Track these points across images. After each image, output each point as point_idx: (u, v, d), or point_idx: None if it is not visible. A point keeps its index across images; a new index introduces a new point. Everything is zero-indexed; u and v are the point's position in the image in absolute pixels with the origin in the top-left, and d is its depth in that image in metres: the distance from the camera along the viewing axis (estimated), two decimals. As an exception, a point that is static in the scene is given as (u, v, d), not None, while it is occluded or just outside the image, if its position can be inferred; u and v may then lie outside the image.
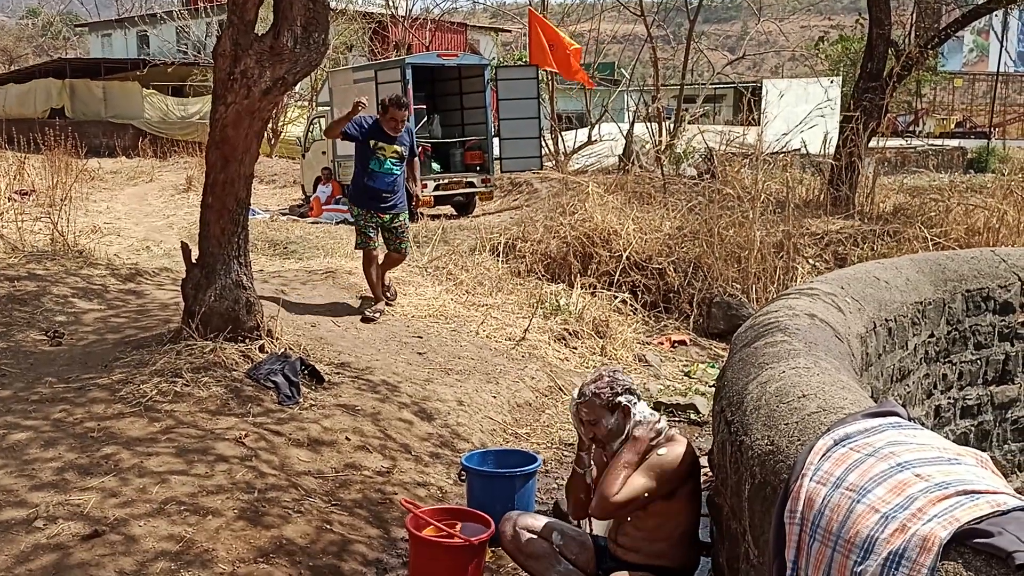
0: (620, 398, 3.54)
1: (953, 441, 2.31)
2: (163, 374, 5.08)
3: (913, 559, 1.75)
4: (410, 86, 14.04)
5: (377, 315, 7.31)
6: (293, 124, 25.60)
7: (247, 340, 5.58)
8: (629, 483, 3.41)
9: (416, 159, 7.77)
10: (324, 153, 16.79)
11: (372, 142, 7.18)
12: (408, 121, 7.33)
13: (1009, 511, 1.75)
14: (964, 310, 5.39)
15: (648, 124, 17.29)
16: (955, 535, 1.73)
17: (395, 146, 7.26)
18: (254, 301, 5.67)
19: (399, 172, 7.36)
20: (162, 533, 3.79)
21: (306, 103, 25.84)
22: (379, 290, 7.49)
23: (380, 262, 7.47)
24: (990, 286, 5.48)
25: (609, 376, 3.59)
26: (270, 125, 22.28)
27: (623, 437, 3.54)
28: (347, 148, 15.91)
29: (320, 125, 17.39)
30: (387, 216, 7.39)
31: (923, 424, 4.28)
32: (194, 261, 5.65)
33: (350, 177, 16.52)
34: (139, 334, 6.03)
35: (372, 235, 7.37)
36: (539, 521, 3.94)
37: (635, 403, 3.58)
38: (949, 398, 5.42)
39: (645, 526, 3.60)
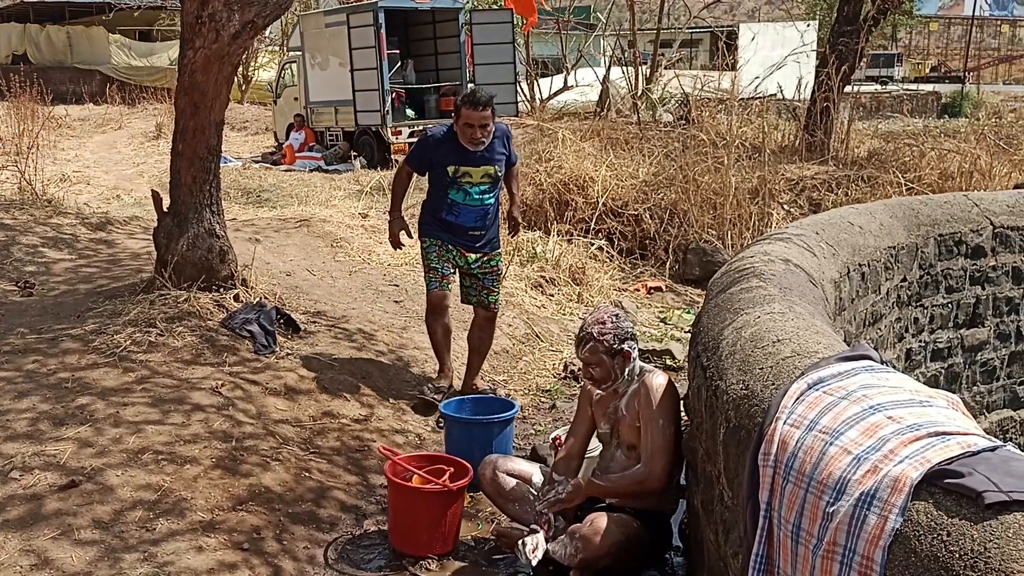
0: (624, 345, 3.60)
1: (924, 383, 2.34)
2: (136, 324, 5.03)
3: (884, 499, 1.78)
4: (382, 30, 13.82)
5: (439, 396, 5.06)
6: (264, 69, 25.15)
7: (221, 289, 5.53)
8: (665, 441, 3.56)
9: (516, 167, 5.49)
10: (296, 99, 16.56)
11: (451, 169, 5.02)
12: (493, 123, 4.99)
13: (979, 452, 1.77)
14: (936, 254, 5.44)
15: (624, 69, 17.14)
16: (926, 475, 1.75)
17: (485, 167, 5.05)
18: (227, 250, 5.61)
19: (492, 200, 5.17)
20: (139, 482, 3.79)
21: (277, 48, 25.38)
22: (446, 356, 5.30)
23: (446, 316, 5.24)
24: (962, 230, 5.52)
25: (612, 321, 3.62)
26: (240, 70, 21.90)
27: (619, 380, 3.66)
28: (321, 94, 15.91)
29: (292, 70, 17.11)
30: (473, 256, 5.19)
31: (895, 367, 4.34)
32: (165, 210, 5.57)
33: (323, 123, 16.50)
34: (111, 284, 5.96)
35: (444, 272, 5.16)
36: (519, 465, 3.98)
37: (635, 348, 3.63)
38: (920, 341, 5.49)
39: (630, 468, 3.66)
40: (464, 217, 5.11)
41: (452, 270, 5.23)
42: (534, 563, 3.53)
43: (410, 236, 5.31)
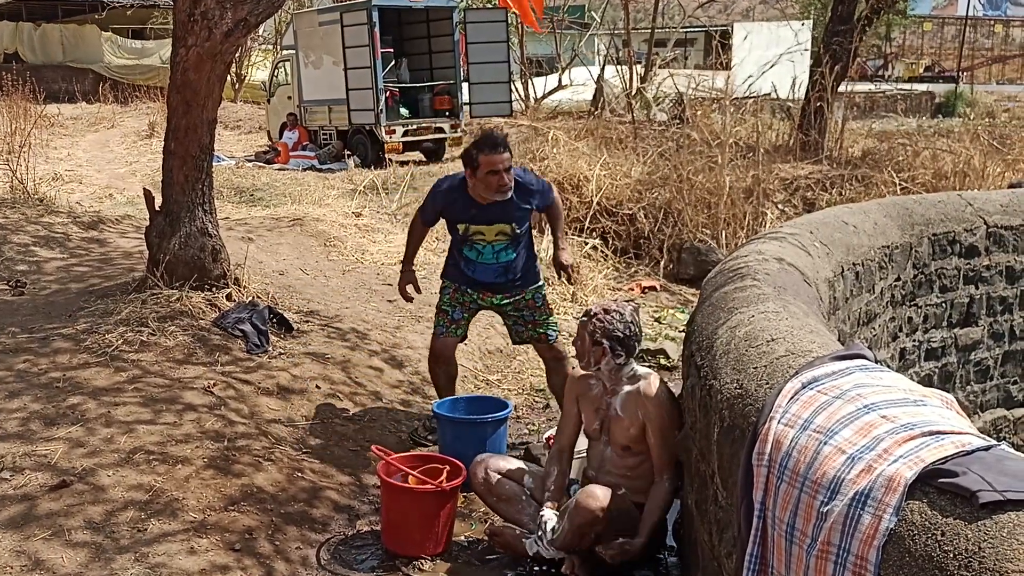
0: (604, 340, 3.59)
1: (918, 383, 2.34)
2: (129, 323, 5.01)
3: (879, 499, 1.77)
4: (376, 29, 13.79)
5: (432, 438, 4.80)
6: (257, 68, 25.08)
7: (214, 288, 5.51)
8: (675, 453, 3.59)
9: (556, 207, 4.80)
10: (290, 98, 16.52)
11: (461, 228, 4.58)
12: (510, 175, 4.42)
13: (973, 451, 1.77)
14: (930, 254, 5.44)
15: (619, 68, 17.13)
16: (920, 475, 1.75)
17: (499, 224, 4.52)
18: (220, 249, 5.59)
19: (513, 256, 4.64)
20: (130, 482, 3.77)
21: (270, 46, 25.31)
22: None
23: (450, 364, 4.85)
24: (956, 230, 5.52)
25: (610, 316, 3.62)
26: (233, 69, 21.84)
27: (592, 367, 3.68)
28: (315, 92, 15.87)
29: (285, 69, 17.07)
30: (497, 296, 4.73)
31: (889, 366, 4.34)
32: (158, 208, 5.55)
33: (316, 122, 16.47)
34: (103, 283, 5.94)
35: (455, 316, 4.74)
36: (510, 464, 3.97)
37: (619, 354, 3.60)
38: (914, 340, 5.49)
39: (629, 464, 3.66)
40: (480, 272, 4.65)
41: (465, 315, 4.77)
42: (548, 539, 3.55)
43: (418, 291, 4.91)
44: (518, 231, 4.57)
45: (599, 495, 3.45)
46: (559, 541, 3.54)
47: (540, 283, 4.80)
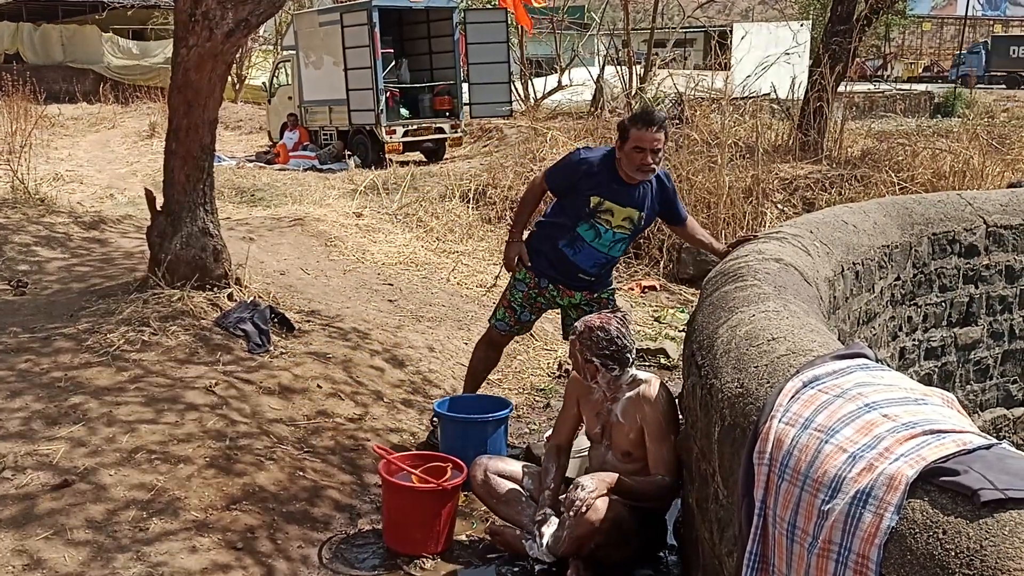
0: (594, 358, 3.60)
1: (918, 382, 2.34)
2: (130, 323, 5.02)
3: (880, 497, 1.78)
4: (376, 29, 13.80)
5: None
6: (256, 69, 25.08)
7: (215, 288, 5.52)
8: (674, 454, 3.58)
9: (689, 223, 4.66)
10: (290, 98, 16.53)
11: (594, 200, 4.33)
12: (665, 148, 4.30)
13: (974, 450, 1.77)
14: (930, 253, 5.44)
15: (618, 69, 17.14)
16: (921, 473, 1.75)
17: (631, 208, 4.35)
18: (221, 249, 5.60)
19: (620, 252, 4.53)
20: (132, 482, 3.78)
21: (271, 47, 25.32)
22: (471, 389, 4.91)
23: (498, 353, 4.84)
24: (956, 229, 5.53)
25: (594, 333, 3.61)
26: (234, 70, 21.83)
27: (589, 381, 3.69)
28: (315, 93, 15.89)
29: (285, 70, 17.08)
30: (577, 295, 4.57)
31: (889, 365, 4.34)
32: (159, 209, 5.55)
33: (317, 122, 16.48)
34: (104, 283, 5.94)
35: (522, 318, 4.64)
36: (510, 465, 3.98)
37: (612, 368, 3.61)
38: (914, 340, 5.50)
39: (629, 469, 3.66)
40: (583, 257, 4.41)
41: (532, 317, 4.64)
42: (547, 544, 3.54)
43: (526, 265, 4.53)
44: (642, 224, 4.45)
45: (599, 507, 3.43)
46: (560, 549, 3.53)
47: (613, 287, 4.74)
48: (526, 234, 4.68)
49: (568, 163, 4.45)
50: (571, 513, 3.44)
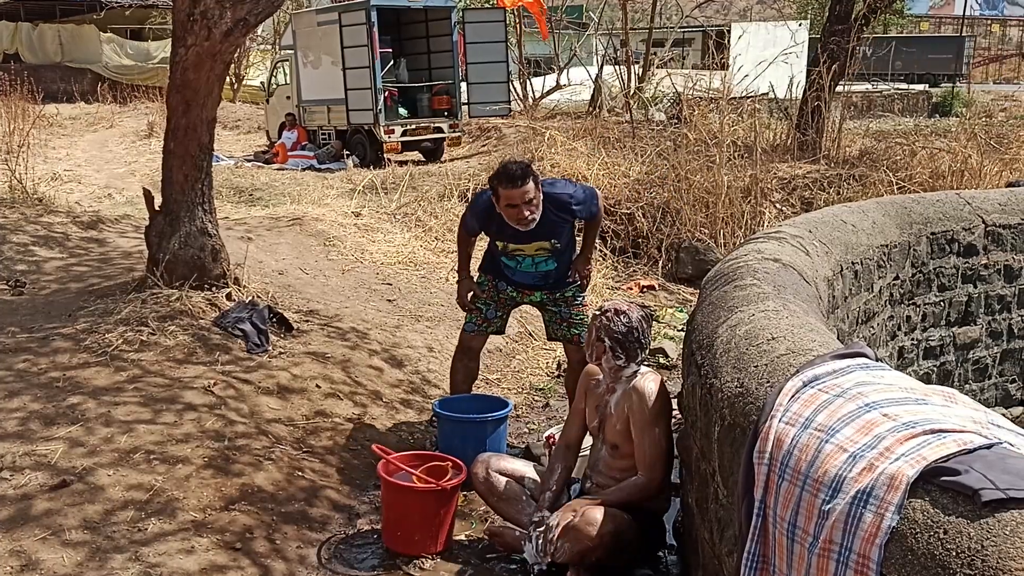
0: (605, 338, 3.59)
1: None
2: (128, 323, 5.01)
3: (881, 497, 1.77)
4: (375, 29, 13.79)
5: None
6: (255, 68, 25.04)
7: (213, 288, 5.51)
8: (662, 449, 3.58)
9: (599, 217, 4.79)
10: (289, 98, 16.51)
11: (500, 245, 4.60)
12: (538, 191, 4.26)
13: (975, 449, 1.77)
14: (929, 252, 5.44)
15: (617, 68, 17.14)
16: (922, 473, 1.75)
17: (538, 242, 4.47)
18: (219, 248, 5.59)
19: (554, 266, 4.60)
20: (130, 482, 3.77)
21: (269, 47, 25.29)
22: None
23: (474, 360, 4.86)
24: (954, 228, 5.53)
25: (616, 318, 3.62)
26: (233, 69, 21.79)
27: (594, 360, 3.70)
28: (314, 92, 15.87)
29: (284, 69, 17.06)
30: (536, 294, 4.71)
31: (888, 365, 4.32)
32: (157, 208, 5.55)
33: (315, 121, 16.49)
34: (103, 283, 5.93)
35: (488, 315, 4.74)
36: (512, 464, 3.97)
37: (619, 355, 3.60)
38: (913, 339, 5.50)
39: (618, 466, 3.65)
40: (520, 275, 4.63)
41: (500, 313, 4.75)
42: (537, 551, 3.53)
43: (479, 297, 4.73)
44: (559, 245, 4.51)
45: (597, 519, 3.41)
46: (560, 558, 3.51)
47: (579, 282, 4.74)
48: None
49: (473, 208, 4.62)
50: (547, 556, 3.46)
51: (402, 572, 3.68)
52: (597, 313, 3.73)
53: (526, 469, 3.96)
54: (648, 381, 3.62)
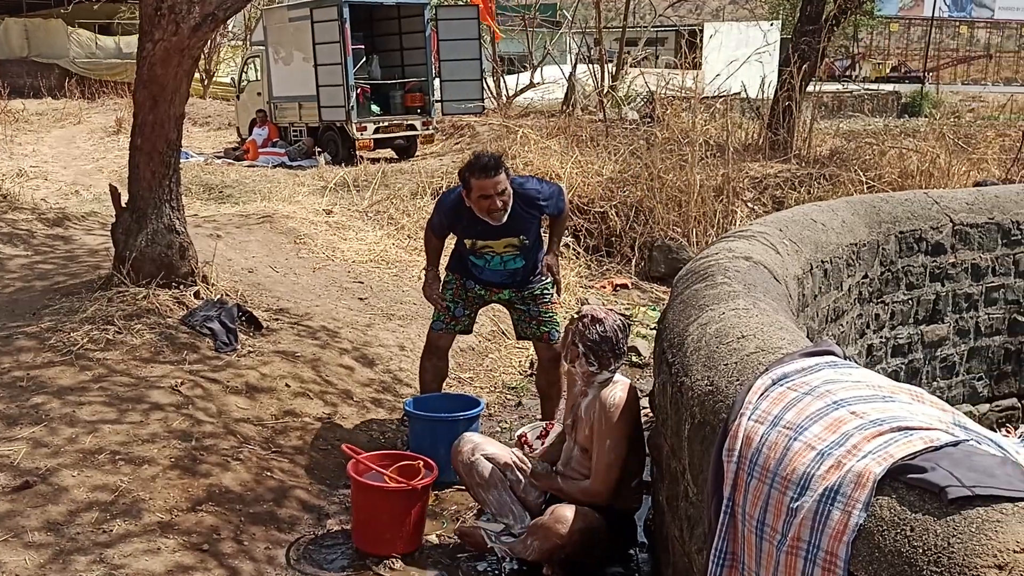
0: (579, 344, 3.57)
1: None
2: (94, 321, 4.94)
3: (848, 494, 1.78)
4: (347, 25, 13.71)
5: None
6: (225, 64, 24.83)
7: (181, 286, 5.44)
8: (611, 461, 3.54)
9: (565, 214, 4.81)
10: (259, 94, 16.38)
11: (468, 243, 4.54)
12: (508, 181, 4.30)
13: (942, 447, 1.78)
14: (897, 251, 5.48)
15: (590, 67, 17.16)
16: (889, 471, 1.75)
17: (508, 238, 4.47)
18: (187, 246, 5.53)
19: (522, 264, 4.59)
20: (94, 483, 3.71)
21: (240, 42, 25.09)
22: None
23: (443, 359, 4.84)
24: (923, 227, 5.57)
25: (591, 326, 3.59)
26: (203, 65, 21.61)
27: (568, 363, 3.71)
28: (285, 89, 15.77)
29: (255, 65, 16.92)
30: (505, 292, 4.71)
31: (857, 363, 4.35)
32: (124, 205, 5.47)
33: (286, 118, 16.37)
34: (68, 281, 5.84)
35: (456, 313, 4.71)
36: (499, 451, 3.94)
37: (591, 362, 3.58)
38: (881, 337, 5.54)
39: (589, 466, 3.64)
40: (489, 274, 4.62)
41: (467, 311, 4.74)
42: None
43: (445, 297, 4.73)
44: (527, 242, 4.52)
45: (567, 517, 3.42)
46: (531, 556, 3.52)
47: (549, 280, 4.74)
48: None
49: (440, 207, 4.62)
50: (536, 530, 3.48)
51: (372, 572, 3.65)
52: (575, 317, 3.72)
53: (511, 461, 3.91)
54: (616, 391, 3.59)
